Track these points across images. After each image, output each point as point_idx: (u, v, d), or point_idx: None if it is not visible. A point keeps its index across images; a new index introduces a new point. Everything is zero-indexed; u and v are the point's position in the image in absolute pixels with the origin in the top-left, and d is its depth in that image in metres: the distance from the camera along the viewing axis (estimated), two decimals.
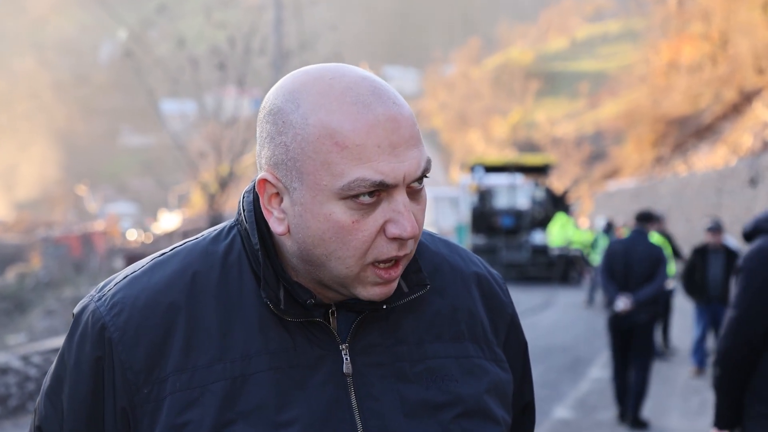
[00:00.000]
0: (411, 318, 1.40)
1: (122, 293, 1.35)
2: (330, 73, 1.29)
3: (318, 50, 18.32)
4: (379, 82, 1.30)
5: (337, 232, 1.26)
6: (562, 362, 11.53)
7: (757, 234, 3.44)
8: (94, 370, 1.33)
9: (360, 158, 1.24)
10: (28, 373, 8.86)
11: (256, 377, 1.31)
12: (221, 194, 16.23)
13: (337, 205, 1.26)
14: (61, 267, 34.85)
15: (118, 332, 1.32)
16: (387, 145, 1.25)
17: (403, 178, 1.26)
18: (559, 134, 60.02)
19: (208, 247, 1.39)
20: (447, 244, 1.53)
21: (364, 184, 1.24)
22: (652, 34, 43.76)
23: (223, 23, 17.26)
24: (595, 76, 76.78)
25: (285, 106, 1.28)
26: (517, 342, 1.53)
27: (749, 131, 25.95)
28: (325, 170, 1.25)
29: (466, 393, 1.38)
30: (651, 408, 9.06)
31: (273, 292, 1.33)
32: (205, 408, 1.29)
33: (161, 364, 1.31)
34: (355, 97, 1.26)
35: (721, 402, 3.44)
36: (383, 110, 1.26)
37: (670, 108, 35.44)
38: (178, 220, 53.29)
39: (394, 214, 1.27)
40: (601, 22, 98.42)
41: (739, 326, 3.35)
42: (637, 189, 31.21)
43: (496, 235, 26.10)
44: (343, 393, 1.33)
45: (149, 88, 15.92)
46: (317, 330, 1.35)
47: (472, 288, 1.48)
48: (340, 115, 1.25)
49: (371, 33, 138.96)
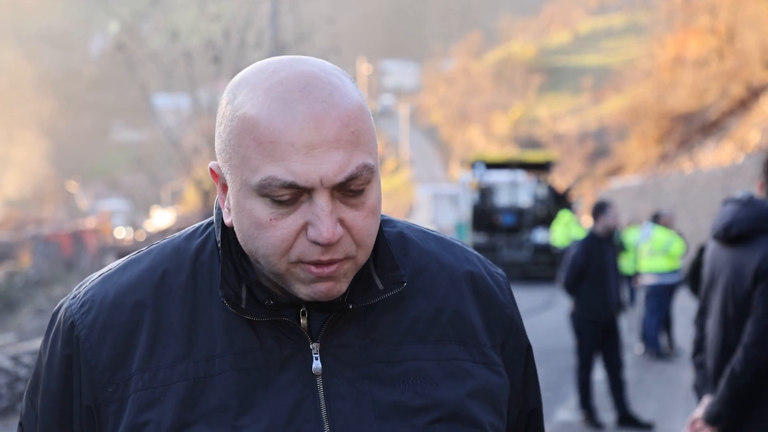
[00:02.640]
0: (390, 318, 1.37)
1: (93, 291, 1.36)
2: (273, 67, 1.27)
3: (315, 43, 18.03)
4: (321, 77, 1.25)
5: (257, 228, 1.25)
6: (565, 364, 11.35)
7: (758, 234, 3.36)
8: (64, 368, 1.33)
9: (273, 156, 1.22)
10: (18, 374, 8.85)
11: (219, 378, 1.29)
12: (215, 191, 15.98)
13: (258, 201, 1.25)
14: (51, 265, 34.89)
15: (85, 330, 1.32)
16: (302, 145, 1.22)
17: (320, 180, 1.22)
18: (561, 130, 59.96)
19: (181, 244, 1.39)
20: (441, 242, 1.48)
21: (275, 183, 1.22)
22: (657, 28, 43.61)
23: (217, 16, 17.00)
24: (598, 71, 76.57)
25: (226, 97, 1.29)
26: (516, 344, 1.47)
27: (756, 127, 25.73)
28: (245, 165, 1.24)
29: (445, 397, 1.34)
30: (655, 410, 9.13)
31: (233, 291, 1.31)
32: (165, 408, 1.28)
33: (126, 363, 1.31)
34: (281, 92, 1.23)
35: (735, 410, 3.31)
36: (305, 108, 1.22)
37: (675, 103, 35.29)
38: (171, 217, 53.26)
39: (312, 218, 1.24)
40: (604, 15, 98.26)
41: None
42: (641, 186, 30.97)
43: (497, 234, 26.07)
44: (310, 393, 1.30)
45: (142, 82, 15.67)
46: (286, 330, 1.33)
47: (463, 287, 1.43)
48: (261, 110, 1.23)
49: (369, 26, 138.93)
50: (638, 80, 48.38)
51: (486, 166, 27.29)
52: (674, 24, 39.06)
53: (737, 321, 3.43)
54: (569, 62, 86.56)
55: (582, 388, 8.57)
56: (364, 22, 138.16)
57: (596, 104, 67.95)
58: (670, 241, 12.21)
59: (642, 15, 67.36)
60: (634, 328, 13.98)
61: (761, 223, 3.38)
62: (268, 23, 20.43)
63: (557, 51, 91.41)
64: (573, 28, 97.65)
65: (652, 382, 10.76)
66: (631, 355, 12.27)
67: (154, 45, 19.59)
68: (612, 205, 8.55)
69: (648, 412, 9.04)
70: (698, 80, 34.54)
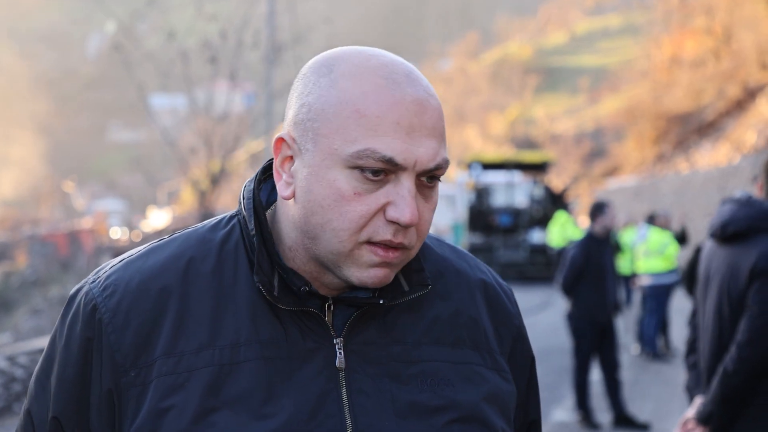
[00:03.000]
0: (409, 319, 1.39)
1: (116, 276, 1.36)
2: (370, 51, 1.33)
3: (312, 44, 18.00)
4: (417, 72, 1.32)
5: (337, 200, 1.26)
6: (561, 364, 11.35)
7: (754, 233, 3.37)
8: (83, 351, 1.32)
9: (376, 130, 1.25)
10: (14, 374, 8.81)
11: (245, 366, 1.30)
12: (212, 191, 16.11)
13: (343, 173, 1.26)
14: (47, 265, 34.77)
15: (108, 313, 1.32)
16: (406, 125, 1.26)
17: (414, 162, 1.26)
18: (558, 131, 59.93)
19: (206, 234, 1.40)
20: (454, 250, 1.53)
21: (373, 156, 1.24)
22: (653, 29, 43.56)
23: (214, 16, 17.03)
24: (595, 72, 76.54)
25: (318, 70, 1.31)
26: (523, 354, 1.51)
27: (753, 128, 25.71)
28: (339, 134, 1.26)
29: (462, 399, 1.37)
30: (652, 410, 9.15)
31: (267, 278, 1.32)
32: (189, 393, 1.28)
33: (150, 348, 1.30)
34: (388, 73, 1.28)
35: (728, 409, 3.31)
36: (412, 91, 1.28)
37: (671, 104, 35.27)
38: (167, 217, 53.04)
39: (397, 197, 1.26)
40: (601, 15, 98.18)
41: (766, 333, 3.27)
42: (637, 187, 30.97)
43: (494, 234, 26.02)
44: (333, 387, 1.31)
45: (138, 82, 15.72)
46: (311, 322, 1.34)
47: (477, 295, 1.47)
48: (368, 85, 1.27)
49: (366, 26, 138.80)
50: (635, 81, 48.35)
51: (483, 167, 27.25)
52: (671, 24, 39.02)
53: (732, 320, 3.43)
54: (566, 63, 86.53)
55: (579, 388, 8.57)
56: (361, 22, 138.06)
57: (593, 105, 67.91)
58: (665, 243, 12.21)
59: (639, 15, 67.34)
60: (630, 329, 13.97)
61: (759, 222, 3.38)
62: (264, 23, 20.42)
63: (554, 51, 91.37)
64: (570, 29, 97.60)
65: (649, 382, 10.76)
66: (627, 355, 12.28)
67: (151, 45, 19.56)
68: (610, 206, 8.53)
69: (644, 412, 9.04)
70: (695, 81, 34.51)
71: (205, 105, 16.70)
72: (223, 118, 16.39)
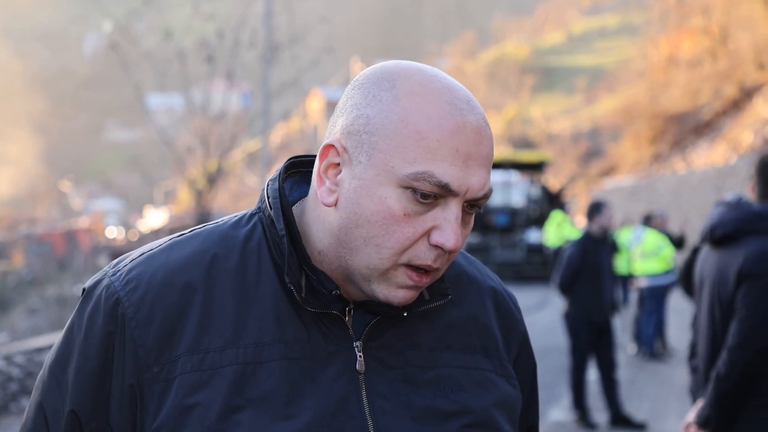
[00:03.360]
0: (425, 325, 1.41)
1: (138, 269, 1.35)
2: (431, 71, 1.33)
3: (309, 43, 18.00)
4: (475, 100, 1.33)
5: (386, 217, 1.27)
6: (558, 363, 11.35)
7: (742, 236, 3.37)
8: (104, 345, 1.32)
9: (435, 154, 1.25)
10: (11, 374, 8.78)
11: (269, 365, 1.30)
12: (209, 190, 16.08)
13: (395, 192, 1.27)
14: (44, 265, 34.70)
15: (132, 308, 1.31)
16: (464, 153, 1.27)
17: (466, 190, 1.28)
18: (555, 130, 59.91)
19: (229, 231, 1.39)
20: (465, 256, 1.55)
21: (430, 180, 1.25)
22: (650, 29, 43.56)
23: (211, 15, 17.04)
24: (592, 71, 76.55)
25: (380, 83, 1.30)
26: (527, 361, 1.54)
27: (749, 128, 25.72)
28: (398, 153, 1.26)
29: (474, 404, 1.38)
30: (648, 410, 9.14)
31: (296, 279, 1.32)
32: (214, 391, 1.28)
33: (173, 343, 1.30)
34: (451, 98, 1.29)
35: (724, 412, 3.32)
36: (474, 120, 1.29)
37: (668, 104, 35.27)
38: (164, 216, 52.97)
39: (443, 222, 1.27)
40: (598, 15, 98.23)
41: (755, 335, 3.27)
42: (634, 187, 30.97)
43: (490, 234, 25.96)
44: (354, 389, 1.33)
45: (135, 81, 15.68)
46: (333, 324, 1.35)
47: (487, 302, 1.49)
48: (431, 107, 1.27)
49: (363, 25, 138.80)
50: (632, 81, 48.31)
51: None
52: (668, 24, 39.02)
53: (723, 323, 3.43)
54: (563, 62, 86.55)
55: (576, 388, 8.56)
56: (358, 22, 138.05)
57: (590, 104, 67.93)
58: (660, 245, 12.23)
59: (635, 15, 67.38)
60: (627, 329, 13.99)
61: (745, 224, 3.38)
62: (262, 23, 20.38)
63: (551, 51, 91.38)
64: (567, 29, 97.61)
65: (645, 382, 10.77)
66: (624, 355, 12.29)
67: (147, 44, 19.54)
68: (607, 206, 8.52)
69: (641, 412, 9.04)
70: (691, 81, 34.51)
71: (202, 104, 16.68)
72: (219, 117, 16.39)
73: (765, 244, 3.32)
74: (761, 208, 3.42)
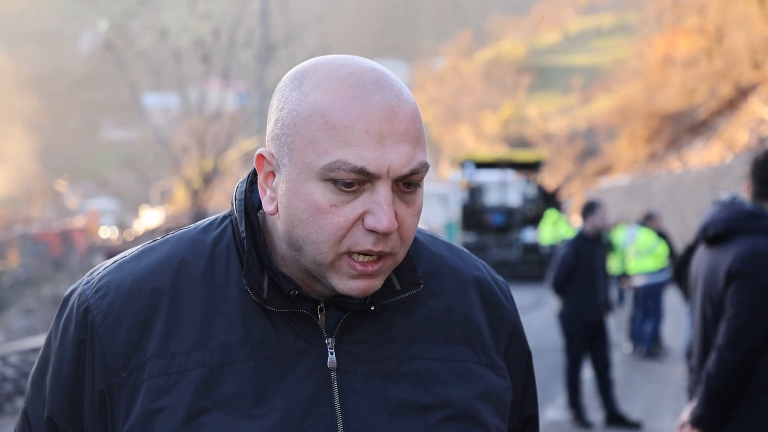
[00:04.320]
0: (402, 317, 1.39)
1: (109, 277, 1.37)
2: (342, 60, 1.32)
3: (305, 43, 17.99)
4: (389, 75, 1.30)
5: (314, 213, 1.27)
6: (554, 363, 11.30)
7: (733, 235, 3.37)
8: (76, 352, 1.33)
9: (346, 140, 1.24)
10: (6, 374, 8.76)
11: (235, 367, 1.30)
12: (205, 190, 16.03)
13: (318, 186, 1.26)
14: (39, 265, 34.64)
15: (100, 315, 1.33)
16: (376, 133, 1.25)
17: (388, 170, 1.25)
18: (551, 130, 60.00)
19: (198, 236, 1.40)
20: (449, 247, 1.52)
21: (345, 167, 1.24)
22: (646, 28, 43.64)
23: (207, 14, 17.00)
24: (588, 71, 76.66)
25: (290, 84, 1.31)
26: (518, 350, 1.51)
27: (745, 127, 25.75)
28: (311, 148, 1.26)
29: (455, 397, 1.37)
30: (644, 408, 9.13)
31: (255, 281, 1.33)
32: (180, 394, 1.28)
33: (141, 349, 1.31)
34: (356, 81, 1.27)
35: (715, 413, 3.33)
36: (380, 98, 1.26)
37: (664, 103, 35.31)
38: (160, 216, 52.92)
39: (373, 206, 1.26)
40: (594, 15, 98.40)
41: (743, 334, 3.27)
42: (630, 186, 31.01)
43: (487, 233, 25.98)
44: (325, 387, 1.32)
45: (131, 81, 15.65)
46: (303, 322, 1.34)
47: (471, 292, 1.47)
48: (336, 95, 1.26)
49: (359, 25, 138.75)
50: (627, 80, 48.38)
51: (476, 166, 27.20)
52: (663, 24, 39.06)
53: (714, 322, 3.44)
54: (559, 62, 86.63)
55: (571, 387, 8.56)
56: (354, 21, 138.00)
57: (585, 104, 68.03)
58: (654, 244, 12.24)
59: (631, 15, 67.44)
60: (622, 328, 14.00)
61: (736, 224, 3.38)
62: (257, 22, 20.37)
63: (547, 51, 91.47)
64: (563, 28, 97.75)
65: (641, 381, 10.77)
66: (619, 354, 12.29)
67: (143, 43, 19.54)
68: (601, 205, 8.51)
69: (636, 410, 9.04)
70: (687, 80, 34.54)
71: (198, 104, 16.63)
72: (215, 117, 16.36)
73: (754, 244, 3.32)
74: (753, 207, 3.42)
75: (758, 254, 3.29)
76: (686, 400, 3.73)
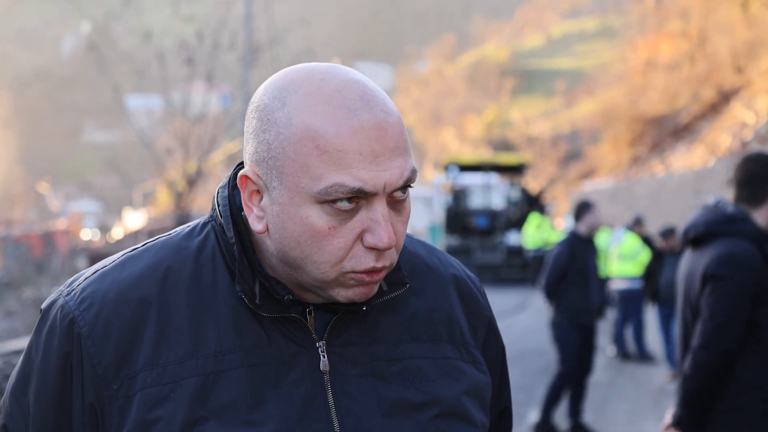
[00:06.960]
0: (389, 317, 1.40)
1: (92, 288, 1.34)
2: (320, 74, 1.28)
3: (289, 45, 17.98)
4: (370, 86, 1.29)
5: (313, 236, 1.25)
6: (538, 366, 11.37)
7: (712, 238, 3.40)
8: (62, 365, 1.30)
9: (340, 164, 1.23)
10: None
11: (230, 374, 1.29)
12: (188, 192, 16.00)
13: (314, 209, 1.25)
14: (21, 267, 34.35)
15: (87, 327, 1.30)
16: (369, 153, 1.24)
17: (384, 187, 1.25)
18: (534, 133, 60.15)
19: (181, 242, 1.38)
20: (425, 246, 1.53)
21: (342, 190, 1.23)
22: (629, 32, 43.73)
23: (190, 17, 16.95)
24: (571, 74, 76.93)
25: (271, 104, 1.28)
26: (495, 345, 1.53)
27: (727, 131, 25.84)
28: (304, 172, 1.24)
29: (443, 394, 1.38)
30: (627, 411, 9.16)
31: (248, 287, 1.31)
32: (176, 404, 1.27)
33: (131, 359, 1.29)
34: (341, 101, 1.25)
35: (692, 414, 3.34)
36: (369, 117, 1.25)
37: (647, 107, 35.41)
38: (143, 218, 52.72)
39: (371, 224, 1.26)
40: (577, 18, 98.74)
41: (718, 337, 3.29)
42: (613, 189, 31.08)
43: (471, 236, 26.03)
44: (319, 390, 1.32)
45: (114, 83, 15.59)
46: (293, 326, 1.34)
47: (450, 290, 1.48)
48: (324, 118, 1.24)
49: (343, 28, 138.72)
50: (610, 84, 48.50)
51: (459, 169, 27.26)
52: (646, 28, 39.18)
53: (693, 324, 3.46)
54: (542, 65, 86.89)
55: (553, 397, 8.16)
56: (338, 25, 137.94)
57: (569, 107, 68.25)
58: (638, 250, 12.27)
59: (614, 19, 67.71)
60: (606, 331, 14.03)
61: (716, 226, 3.40)
62: (241, 25, 20.34)
63: (530, 54, 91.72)
64: (546, 32, 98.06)
65: (624, 384, 10.80)
66: (603, 357, 12.32)
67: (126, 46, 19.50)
68: (595, 205, 8.33)
69: (619, 414, 9.06)
70: (670, 84, 34.66)
71: (182, 106, 16.61)
72: (199, 119, 16.33)
73: (730, 246, 3.34)
74: (734, 211, 3.44)
75: (734, 257, 3.31)
76: (668, 404, 3.74)
